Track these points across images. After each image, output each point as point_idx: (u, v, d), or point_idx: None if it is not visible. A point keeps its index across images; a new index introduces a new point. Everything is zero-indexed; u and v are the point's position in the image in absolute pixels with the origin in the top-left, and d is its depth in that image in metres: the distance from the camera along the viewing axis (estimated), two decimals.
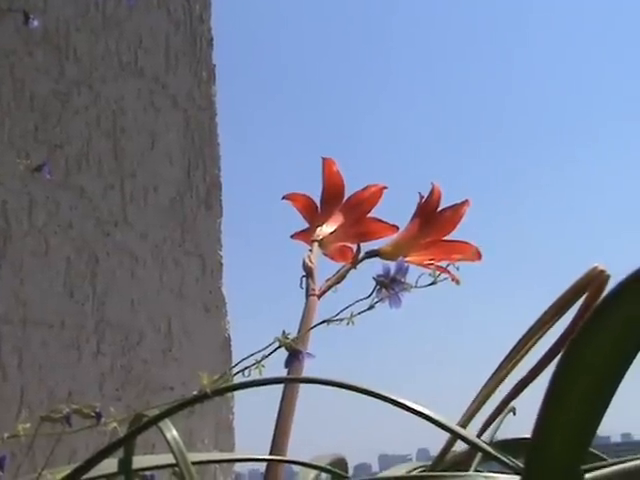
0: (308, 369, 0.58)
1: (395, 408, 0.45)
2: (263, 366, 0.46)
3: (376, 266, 0.57)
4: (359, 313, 0.51)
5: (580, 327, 0.35)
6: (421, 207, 0.80)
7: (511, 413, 0.58)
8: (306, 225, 0.81)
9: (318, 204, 0.81)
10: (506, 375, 0.51)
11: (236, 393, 1.08)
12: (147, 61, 1.14)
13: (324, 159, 0.81)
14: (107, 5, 1.12)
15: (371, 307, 0.51)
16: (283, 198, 0.80)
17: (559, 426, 0.34)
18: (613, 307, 0.34)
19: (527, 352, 0.51)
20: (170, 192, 1.13)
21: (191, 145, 1.16)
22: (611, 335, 0.34)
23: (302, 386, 0.60)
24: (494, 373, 0.51)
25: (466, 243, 0.77)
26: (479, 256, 0.76)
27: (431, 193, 0.79)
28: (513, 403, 0.55)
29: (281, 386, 0.60)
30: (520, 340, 0.51)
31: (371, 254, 0.78)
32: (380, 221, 0.82)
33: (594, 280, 0.50)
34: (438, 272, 0.56)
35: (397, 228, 0.81)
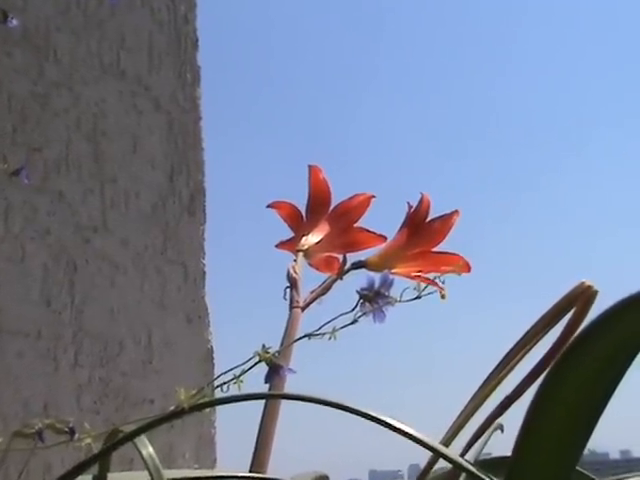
0: (291, 383, 0.59)
1: None
2: (242, 381, 0.47)
3: (363, 277, 0.58)
4: (342, 327, 0.52)
5: (568, 345, 0.36)
6: (409, 217, 0.81)
7: (498, 430, 0.59)
8: (291, 234, 0.82)
9: (304, 213, 0.82)
10: (492, 391, 0.52)
11: (218, 407, 1.09)
12: (129, 62, 1.15)
13: (310, 166, 0.82)
14: (89, 4, 1.13)
15: (354, 321, 0.52)
16: (268, 206, 0.81)
17: (541, 445, 0.34)
18: (601, 329, 0.35)
19: (513, 368, 0.52)
20: (152, 198, 1.13)
21: (174, 149, 1.16)
22: (598, 355, 0.35)
23: (286, 400, 0.61)
24: (479, 389, 0.52)
25: (455, 255, 0.78)
26: (468, 268, 0.77)
27: (420, 203, 0.80)
28: (501, 420, 0.56)
29: (263, 401, 0.61)
30: (506, 355, 0.52)
31: (358, 265, 0.78)
32: (367, 231, 0.83)
33: (581, 295, 0.51)
34: (424, 285, 0.57)
35: (385, 238, 0.82)
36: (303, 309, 0.71)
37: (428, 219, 0.80)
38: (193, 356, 1.12)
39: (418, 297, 0.55)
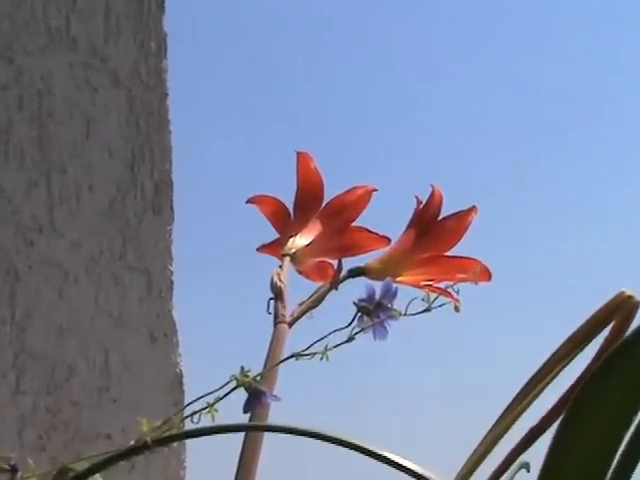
0: (277, 411, 0.59)
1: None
2: (216, 410, 0.48)
3: (362, 287, 0.59)
4: (336, 346, 0.52)
5: (600, 362, 0.36)
6: (418, 214, 0.81)
7: (524, 470, 0.60)
8: (276, 235, 0.82)
9: (291, 209, 0.82)
10: (514, 420, 0.53)
11: (189, 443, 1.09)
12: (82, 28, 1.15)
13: (299, 154, 0.83)
14: None
15: (350, 339, 0.53)
16: (248, 201, 0.81)
17: None
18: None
19: (539, 393, 0.53)
20: (109, 191, 1.13)
21: (136, 133, 1.17)
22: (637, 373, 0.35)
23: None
24: (500, 418, 0.53)
25: (472, 259, 0.78)
26: (488, 275, 0.77)
27: (430, 198, 0.81)
28: (526, 457, 0.57)
29: (242, 434, 0.61)
30: (532, 378, 0.53)
31: (356, 272, 0.79)
32: (367, 231, 0.83)
33: (621, 306, 0.51)
34: (435, 294, 0.58)
35: (388, 240, 0.82)
36: (290, 325, 0.72)
37: (440, 217, 0.81)
38: (159, 382, 1.12)
39: (427, 310, 0.56)
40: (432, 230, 0.81)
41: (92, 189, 1.12)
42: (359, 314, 0.55)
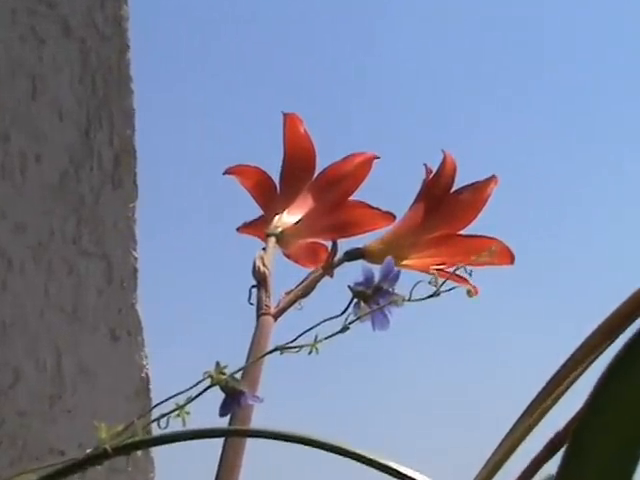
0: (259, 414, 0.60)
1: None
2: (187, 413, 0.49)
3: (360, 272, 0.60)
4: (328, 337, 0.53)
5: (615, 358, 0.37)
6: (428, 186, 0.82)
7: None
8: (260, 212, 0.83)
9: (277, 182, 0.83)
10: (531, 428, 0.53)
11: (157, 459, 1.10)
12: None
13: (286, 115, 0.83)
14: None
15: (345, 329, 0.54)
16: (226, 172, 0.82)
17: None
18: None
19: (564, 393, 0.54)
20: (60, 163, 1.14)
21: (91, 93, 1.17)
22: None
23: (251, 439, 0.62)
24: (514, 426, 0.54)
25: (491, 239, 0.79)
26: (510, 258, 0.79)
27: (442, 166, 0.82)
28: (548, 469, 0.58)
29: (220, 441, 0.62)
30: (555, 376, 0.54)
31: (353, 255, 0.80)
32: (368, 207, 0.84)
33: None
34: (444, 279, 0.59)
35: (393, 217, 0.83)
36: (276, 317, 0.73)
37: (453, 189, 0.82)
38: (121, 388, 1.13)
39: (436, 294, 0.57)
40: (444, 205, 0.82)
41: (40, 160, 1.13)
42: (355, 300, 0.56)
